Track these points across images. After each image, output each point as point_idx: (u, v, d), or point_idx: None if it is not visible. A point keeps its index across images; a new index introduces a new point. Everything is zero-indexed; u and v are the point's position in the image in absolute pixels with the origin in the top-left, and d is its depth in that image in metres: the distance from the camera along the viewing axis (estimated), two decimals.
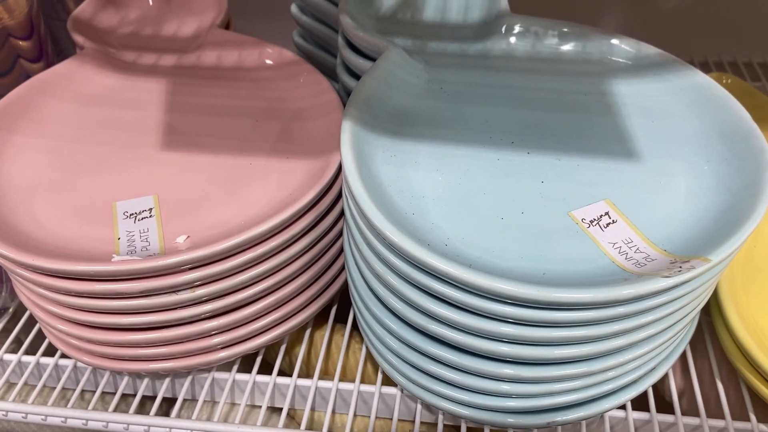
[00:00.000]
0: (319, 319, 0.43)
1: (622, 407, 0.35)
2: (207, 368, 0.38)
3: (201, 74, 0.44)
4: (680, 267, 0.27)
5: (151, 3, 0.50)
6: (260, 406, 0.38)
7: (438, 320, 0.29)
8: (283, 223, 0.33)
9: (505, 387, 0.31)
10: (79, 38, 0.44)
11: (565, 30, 0.41)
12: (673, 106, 0.37)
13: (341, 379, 0.39)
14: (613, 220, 0.31)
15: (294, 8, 0.48)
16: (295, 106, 0.41)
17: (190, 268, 0.32)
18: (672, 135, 0.36)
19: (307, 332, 0.42)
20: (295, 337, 0.42)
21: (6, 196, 0.35)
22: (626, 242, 0.30)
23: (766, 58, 0.62)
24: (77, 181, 0.37)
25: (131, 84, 0.43)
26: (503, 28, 0.41)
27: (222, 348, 0.37)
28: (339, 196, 0.37)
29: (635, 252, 0.29)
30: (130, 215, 0.35)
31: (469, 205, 0.31)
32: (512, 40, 0.41)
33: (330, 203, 0.36)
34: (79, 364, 0.40)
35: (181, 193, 0.36)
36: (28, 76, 0.45)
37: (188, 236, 0.34)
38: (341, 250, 0.39)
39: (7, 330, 0.43)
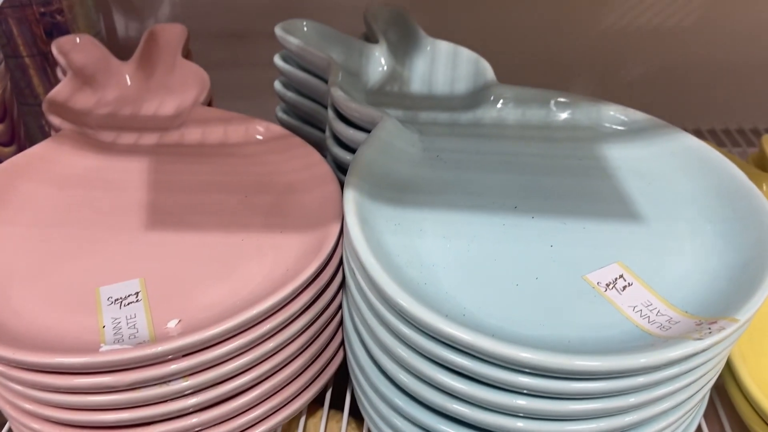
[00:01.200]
0: (312, 406, 0.40)
1: None
2: None
3: (185, 152, 0.43)
4: (709, 329, 0.26)
5: (129, 83, 0.49)
6: None
7: (451, 395, 0.27)
8: (283, 301, 0.31)
9: None
10: (55, 120, 0.43)
11: (553, 98, 0.41)
12: (667, 169, 0.37)
13: None
14: (628, 283, 0.30)
15: (278, 84, 0.48)
16: (287, 179, 0.40)
17: (184, 355, 0.29)
18: (670, 196, 0.35)
19: (302, 421, 0.39)
20: (286, 428, 0.39)
21: None
22: (646, 305, 0.29)
23: (742, 124, 0.65)
24: (56, 267, 0.34)
25: (111, 164, 0.42)
26: (492, 98, 0.41)
27: None
28: (337, 269, 0.35)
29: (657, 315, 0.28)
30: (115, 300, 0.32)
31: (481, 272, 0.30)
32: (502, 108, 0.41)
33: (329, 277, 0.34)
34: None
35: (170, 274, 0.34)
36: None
37: (180, 320, 0.31)
38: (338, 327, 0.37)
39: None
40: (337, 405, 0.40)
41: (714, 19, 0.64)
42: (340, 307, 0.37)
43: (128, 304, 0.32)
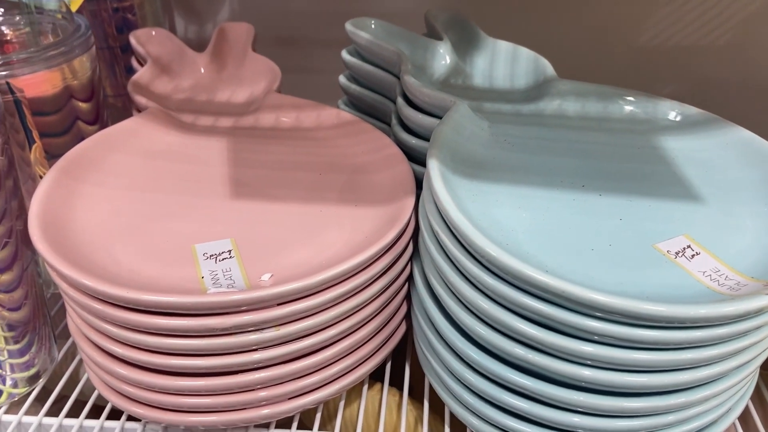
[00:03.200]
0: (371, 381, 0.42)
1: None
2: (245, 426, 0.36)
3: (260, 134, 0.46)
4: None
5: (203, 72, 0.52)
6: None
7: (526, 344, 0.29)
8: (366, 261, 0.33)
9: (576, 419, 0.30)
10: (141, 99, 0.46)
11: (612, 92, 0.44)
12: (723, 158, 0.39)
13: None
14: (696, 252, 0.32)
15: (342, 79, 0.51)
16: (358, 161, 0.43)
17: (278, 304, 0.31)
18: (726, 183, 0.37)
19: (364, 389, 0.41)
20: (339, 398, 0.41)
21: (83, 239, 0.35)
22: (715, 271, 0.31)
23: None
24: (152, 226, 0.36)
25: (192, 142, 0.44)
26: (552, 92, 0.44)
27: (291, 398, 0.35)
28: (408, 241, 0.37)
29: (726, 279, 0.30)
30: (211, 256, 0.34)
31: (558, 238, 0.32)
32: (562, 101, 0.44)
33: (403, 247, 0.36)
34: (128, 425, 0.38)
35: (257, 238, 0.36)
36: (82, 138, 0.46)
37: (272, 275, 0.33)
38: (404, 299, 0.39)
39: (48, 390, 0.41)
40: (393, 382, 0.42)
41: (749, 37, 0.67)
42: (407, 279, 0.39)
43: (223, 259, 0.34)
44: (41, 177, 0.43)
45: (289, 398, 0.35)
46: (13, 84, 0.40)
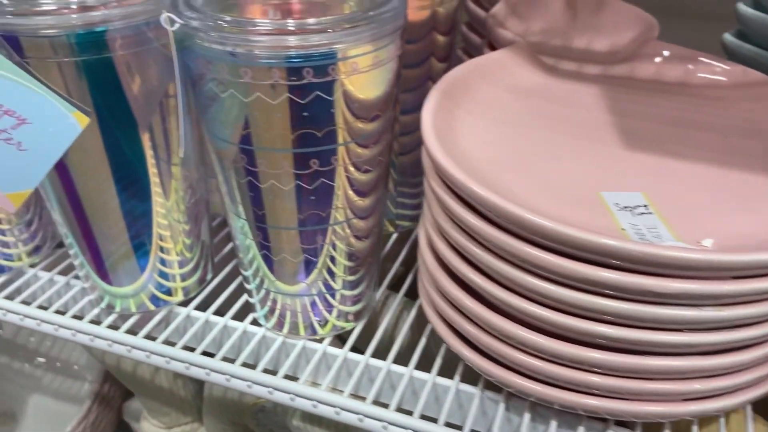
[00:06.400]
0: None
1: None
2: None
3: (637, 85, 0.39)
4: None
5: (554, 15, 0.47)
6: None
7: None
8: None
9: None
10: (506, 33, 0.41)
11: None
12: None
13: None
14: None
15: (729, 37, 0.42)
16: None
17: (733, 278, 0.24)
18: None
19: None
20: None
21: (472, 165, 0.30)
22: None
23: None
24: (544, 165, 0.31)
25: (560, 84, 0.39)
26: None
27: (688, 399, 0.28)
28: None
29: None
30: (624, 207, 0.28)
31: None
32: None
33: None
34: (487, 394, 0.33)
35: (674, 197, 0.29)
36: (429, 76, 0.43)
37: (713, 241, 0.26)
38: None
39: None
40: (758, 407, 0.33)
41: None
42: None
43: (640, 213, 0.28)
44: None
45: (686, 399, 0.28)
46: None
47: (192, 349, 0.37)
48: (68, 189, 0.35)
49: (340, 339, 0.39)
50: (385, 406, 0.33)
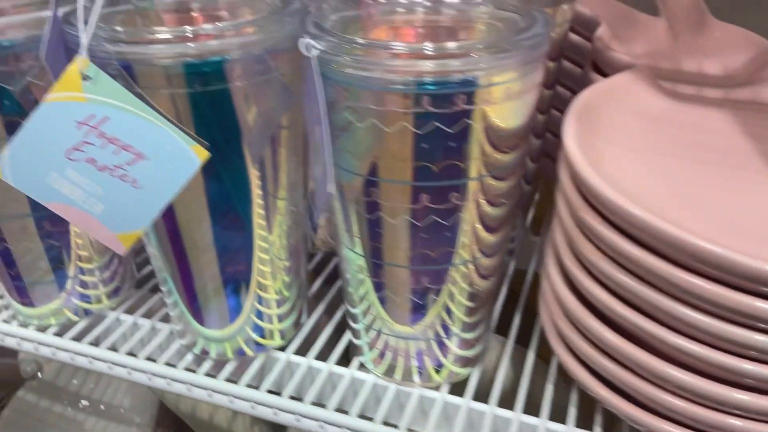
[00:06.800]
0: None
1: None
2: None
3: (763, 109, 0.37)
4: None
5: (658, 38, 0.45)
6: None
7: None
8: None
9: None
10: (620, 55, 0.39)
11: None
12: None
13: None
14: None
15: None
16: None
17: None
18: None
19: None
20: None
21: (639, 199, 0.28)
22: None
23: None
24: (709, 197, 0.29)
25: (683, 108, 0.37)
26: None
27: None
28: None
29: None
30: None
31: None
32: None
33: None
34: None
35: None
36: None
37: None
38: None
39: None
40: None
41: None
42: None
43: None
44: None
45: None
46: None
47: (299, 399, 0.34)
48: (168, 222, 0.33)
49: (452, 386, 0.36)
50: None
